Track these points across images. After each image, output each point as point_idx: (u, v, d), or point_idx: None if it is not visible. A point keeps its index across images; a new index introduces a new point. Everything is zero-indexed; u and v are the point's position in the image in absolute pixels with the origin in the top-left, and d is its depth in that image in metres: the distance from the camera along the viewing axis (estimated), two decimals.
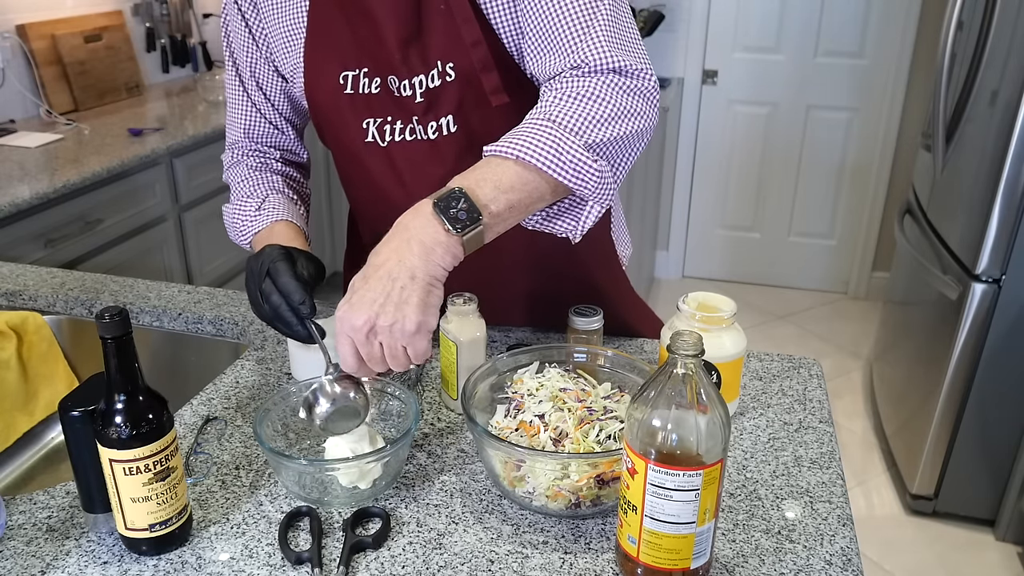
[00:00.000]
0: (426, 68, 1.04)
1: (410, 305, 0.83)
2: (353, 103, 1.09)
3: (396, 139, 1.09)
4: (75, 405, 0.80)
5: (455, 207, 0.85)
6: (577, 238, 0.97)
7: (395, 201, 1.09)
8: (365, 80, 1.08)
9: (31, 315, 1.31)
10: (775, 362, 1.19)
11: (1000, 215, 2.06)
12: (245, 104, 1.22)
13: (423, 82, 1.05)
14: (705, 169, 3.83)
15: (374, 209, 1.21)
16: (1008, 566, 2.24)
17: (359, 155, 1.12)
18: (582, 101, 0.91)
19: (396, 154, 1.10)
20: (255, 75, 1.20)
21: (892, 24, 3.38)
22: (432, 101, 1.05)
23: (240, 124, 1.24)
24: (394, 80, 1.06)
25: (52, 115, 2.72)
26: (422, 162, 1.09)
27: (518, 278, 1.23)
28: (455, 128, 1.06)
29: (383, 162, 1.11)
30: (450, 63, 1.03)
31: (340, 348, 0.86)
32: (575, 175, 0.90)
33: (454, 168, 0.94)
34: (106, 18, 3.02)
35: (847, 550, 0.84)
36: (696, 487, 0.72)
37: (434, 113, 1.06)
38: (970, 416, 2.25)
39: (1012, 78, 2.02)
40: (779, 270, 3.91)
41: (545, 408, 0.92)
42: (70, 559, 0.82)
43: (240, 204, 1.19)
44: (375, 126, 1.09)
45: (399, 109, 1.08)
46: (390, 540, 0.84)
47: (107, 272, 1.68)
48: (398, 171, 1.11)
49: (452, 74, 1.04)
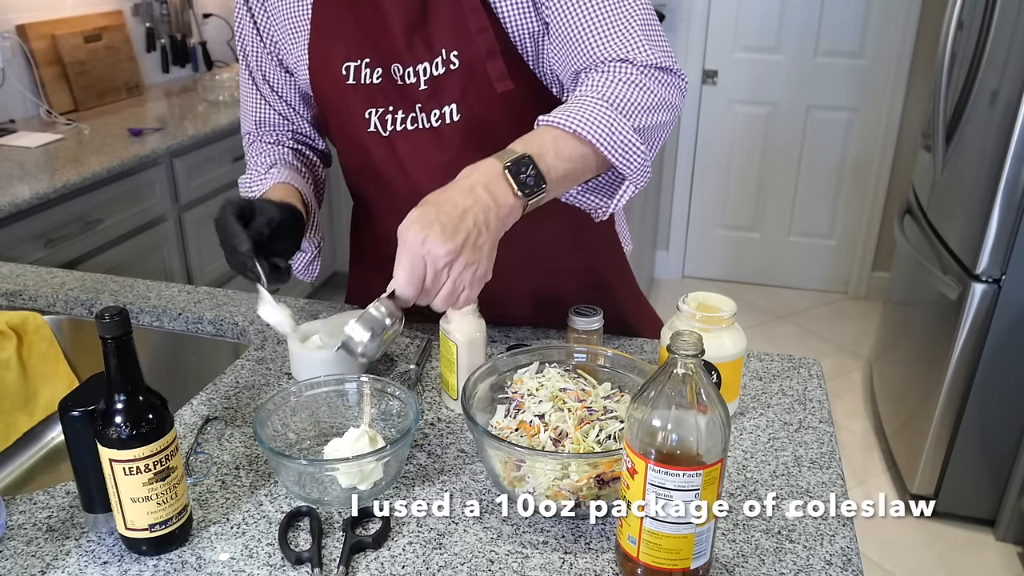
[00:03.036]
0: (430, 56, 1.06)
1: (485, 253, 0.85)
2: (356, 93, 1.10)
3: (398, 128, 1.10)
4: (75, 405, 0.80)
5: (524, 172, 0.87)
6: (605, 216, 1.01)
7: (398, 190, 1.12)
8: (367, 70, 1.09)
9: (31, 315, 1.31)
10: (775, 362, 1.19)
11: (1000, 215, 2.06)
12: (256, 98, 1.25)
13: (427, 69, 1.06)
14: (705, 169, 3.83)
15: (377, 200, 1.22)
16: (1008, 566, 2.24)
17: (362, 145, 1.14)
18: (632, 87, 0.95)
19: (398, 143, 1.11)
20: (264, 72, 1.21)
21: (892, 24, 3.38)
22: (436, 89, 1.07)
23: (252, 117, 1.26)
24: (398, 68, 1.07)
25: (52, 115, 2.72)
26: (424, 151, 1.10)
27: (523, 272, 1.23)
28: (458, 116, 1.07)
29: (386, 151, 1.12)
30: (454, 51, 1.05)
31: (411, 269, 0.83)
32: (623, 154, 0.94)
33: (456, 156, 0.96)
34: (106, 18, 3.02)
35: (847, 550, 0.84)
36: (696, 487, 0.72)
37: (437, 101, 1.07)
38: (970, 416, 2.25)
39: (1012, 78, 2.02)
40: (779, 270, 3.91)
41: (545, 408, 0.92)
42: (70, 559, 0.82)
43: (250, 175, 1.23)
44: (377, 116, 1.11)
45: (401, 98, 1.09)
46: (390, 540, 0.84)
47: (107, 272, 1.67)
48: (400, 160, 1.12)
49: (456, 62, 1.05)
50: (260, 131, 1.27)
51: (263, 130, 1.27)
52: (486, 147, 0.93)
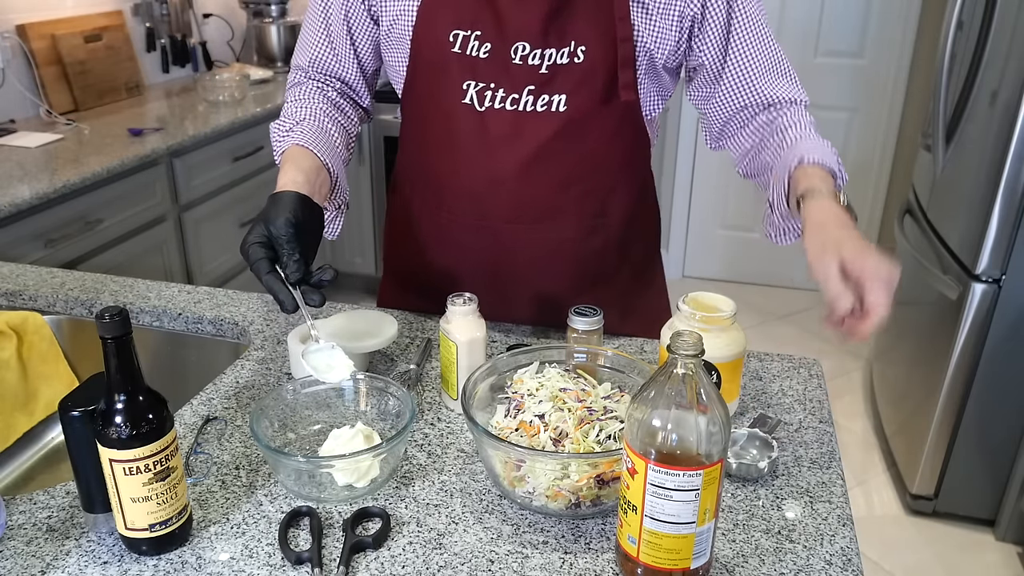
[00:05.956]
0: (560, 44, 1.10)
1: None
2: (460, 62, 1.12)
3: (496, 106, 1.12)
4: (75, 405, 0.80)
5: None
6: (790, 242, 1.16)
7: (476, 168, 1.15)
8: (476, 42, 1.10)
9: (31, 315, 1.31)
10: (775, 362, 1.19)
11: (1000, 215, 2.06)
12: (323, 36, 1.22)
13: (552, 56, 1.10)
14: (705, 169, 3.83)
15: (447, 174, 1.19)
16: (1008, 566, 2.24)
17: (452, 115, 1.14)
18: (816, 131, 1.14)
19: (491, 120, 1.13)
20: (347, 10, 1.18)
21: (892, 24, 3.38)
22: (553, 76, 1.11)
23: (310, 53, 1.23)
24: (524, 47, 1.10)
25: (52, 115, 2.72)
26: (514, 133, 1.13)
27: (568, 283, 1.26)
28: (564, 108, 1.11)
29: (475, 126, 1.14)
30: (583, 47, 1.09)
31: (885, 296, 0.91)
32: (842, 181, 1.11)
33: (544, 144, 1.08)
34: (106, 18, 3.02)
35: (847, 550, 0.84)
36: (696, 487, 0.72)
37: (551, 88, 1.11)
38: (970, 416, 2.25)
39: (1012, 78, 2.02)
40: (779, 270, 3.90)
41: (545, 408, 0.92)
42: (70, 559, 0.82)
43: (281, 121, 1.19)
44: (475, 89, 1.12)
45: (507, 77, 1.11)
46: (390, 540, 0.84)
47: (107, 272, 1.67)
48: (488, 138, 1.13)
49: (582, 57, 1.10)
50: (311, 71, 1.24)
51: (314, 71, 1.24)
52: (573, 142, 1.12)
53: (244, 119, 2.86)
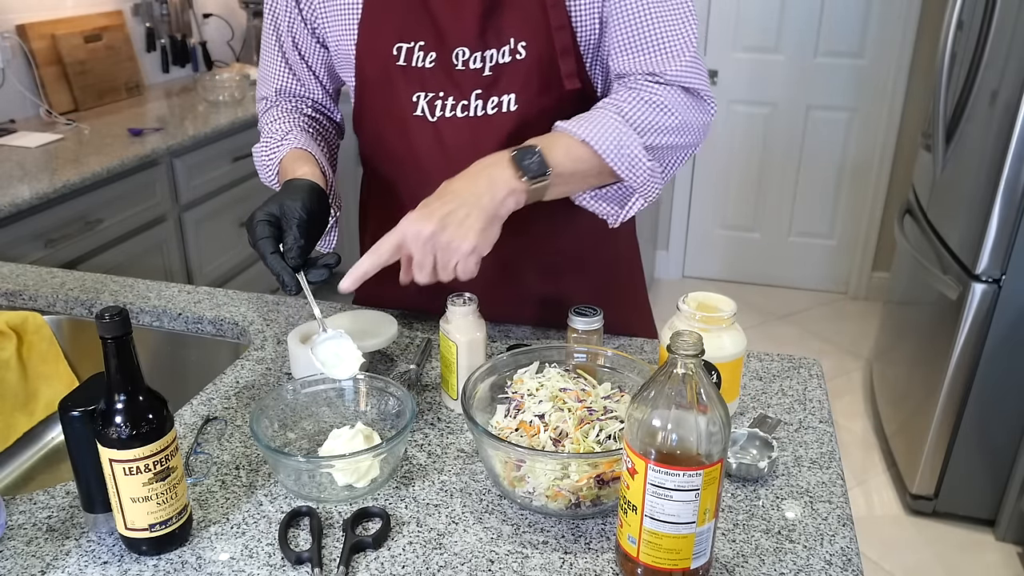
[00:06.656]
0: (499, 44, 1.08)
1: (471, 229, 0.93)
2: (405, 75, 1.10)
3: (447, 115, 1.11)
4: (75, 405, 0.80)
5: (529, 159, 0.96)
6: (617, 223, 1.09)
7: (437, 178, 1.12)
8: (420, 53, 1.09)
9: (31, 315, 1.31)
10: (775, 362, 1.19)
11: (1000, 215, 2.06)
12: (280, 65, 1.22)
13: (494, 56, 1.08)
14: (705, 169, 3.83)
15: (408, 188, 1.19)
16: (1008, 566, 2.24)
17: (405, 128, 1.13)
18: (652, 108, 1.02)
19: (444, 130, 1.11)
20: (294, 39, 1.19)
21: (892, 24, 3.38)
22: (498, 77, 1.09)
23: (273, 83, 1.24)
24: (463, 52, 1.08)
25: (52, 115, 2.72)
26: (471, 140, 1.11)
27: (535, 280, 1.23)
28: (515, 107, 1.09)
29: (430, 137, 1.12)
30: (523, 42, 1.07)
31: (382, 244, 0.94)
32: (628, 168, 1.02)
33: (502, 147, 1.01)
34: (106, 18, 3.02)
35: (847, 550, 0.84)
36: (696, 487, 0.72)
37: (497, 89, 1.09)
38: (970, 416, 2.25)
39: (1012, 78, 2.02)
40: (779, 270, 3.91)
41: (545, 408, 0.92)
42: (70, 559, 0.82)
43: (265, 142, 1.20)
44: (425, 100, 1.11)
45: (454, 84, 1.09)
46: (390, 540, 0.84)
47: (107, 272, 1.67)
48: (445, 147, 1.12)
49: (523, 53, 1.07)
50: (279, 98, 1.25)
51: (282, 97, 1.25)
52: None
53: (244, 119, 2.86)
